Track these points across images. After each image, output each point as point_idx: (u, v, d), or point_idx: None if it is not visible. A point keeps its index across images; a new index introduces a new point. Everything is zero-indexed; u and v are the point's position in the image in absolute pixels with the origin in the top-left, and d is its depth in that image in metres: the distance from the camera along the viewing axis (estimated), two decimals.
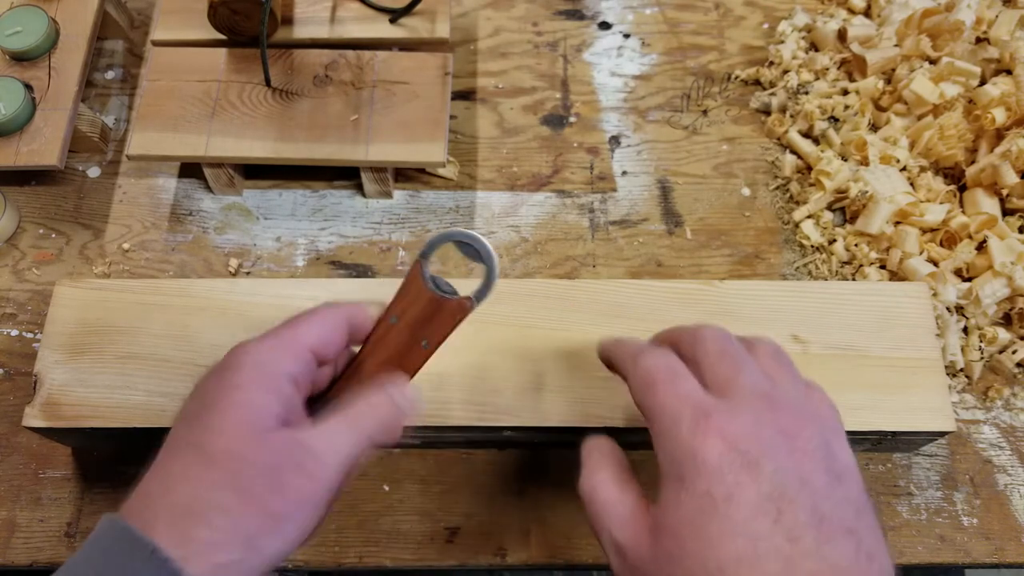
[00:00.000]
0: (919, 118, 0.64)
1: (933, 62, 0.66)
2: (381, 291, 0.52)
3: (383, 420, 0.38)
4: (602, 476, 0.36)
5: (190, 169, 0.66)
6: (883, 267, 0.61)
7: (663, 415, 0.35)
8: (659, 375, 0.36)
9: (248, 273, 0.62)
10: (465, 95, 0.70)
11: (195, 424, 0.35)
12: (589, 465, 0.37)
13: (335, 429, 0.36)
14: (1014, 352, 0.58)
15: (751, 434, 0.33)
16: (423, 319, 0.41)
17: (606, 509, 0.35)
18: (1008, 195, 0.61)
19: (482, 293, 0.40)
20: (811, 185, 0.64)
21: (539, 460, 0.55)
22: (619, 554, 0.34)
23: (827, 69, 0.69)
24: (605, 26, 0.74)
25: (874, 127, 0.66)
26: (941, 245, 0.61)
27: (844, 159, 0.64)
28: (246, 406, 0.34)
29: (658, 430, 0.35)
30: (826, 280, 0.61)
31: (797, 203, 0.65)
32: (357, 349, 0.42)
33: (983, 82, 0.64)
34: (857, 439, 0.51)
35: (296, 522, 0.34)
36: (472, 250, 0.40)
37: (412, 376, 0.42)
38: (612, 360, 0.42)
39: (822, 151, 0.65)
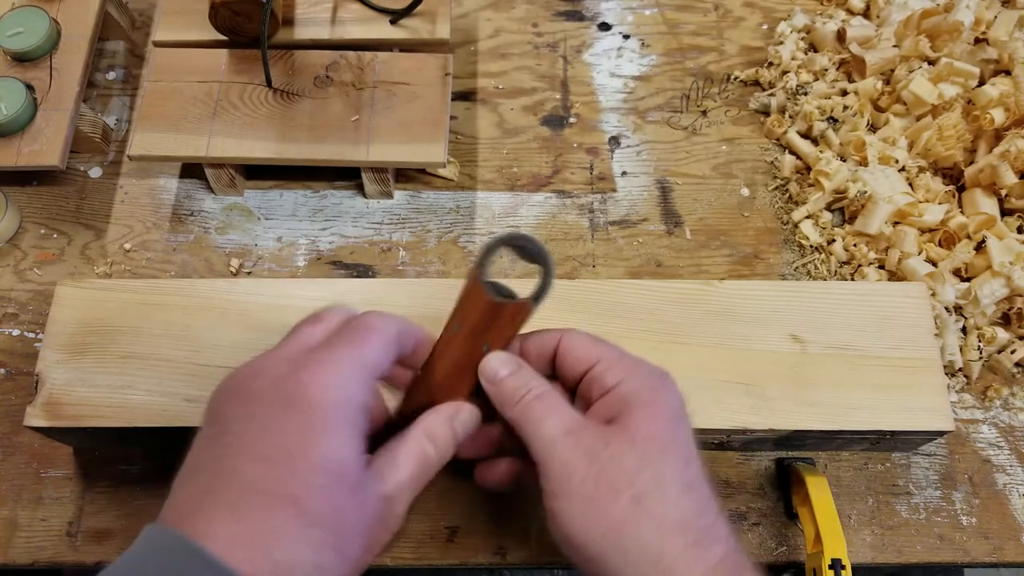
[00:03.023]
0: (918, 119, 0.65)
1: (932, 63, 0.66)
2: (382, 291, 0.52)
3: (442, 454, 0.38)
4: (549, 386, 0.40)
5: (191, 169, 0.66)
6: (882, 267, 0.61)
7: (625, 357, 0.40)
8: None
9: (249, 273, 0.62)
10: (465, 96, 0.70)
11: (280, 471, 0.32)
12: (532, 377, 0.40)
13: (407, 468, 0.36)
14: (1013, 352, 0.58)
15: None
16: (484, 324, 0.40)
17: (564, 408, 0.39)
18: (1007, 195, 0.61)
19: (540, 294, 0.40)
20: (810, 185, 0.65)
21: None
22: (573, 437, 0.37)
23: (826, 70, 0.69)
24: (605, 27, 0.74)
25: (873, 128, 0.66)
26: (940, 245, 0.61)
27: (843, 159, 0.65)
28: (338, 459, 0.33)
29: (623, 365, 0.39)
30: (825, 280, 0.61)
31: (796, 203, 0.65)
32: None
33: (982, 83, 0.64)
34: (856, 438, 0.51)
35: (367, 565, 0.35)
36: (527, 252, 0.40)
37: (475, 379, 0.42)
38: (531, 347, 0.43)
39: (821, 151, 0.65)
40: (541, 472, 0.37)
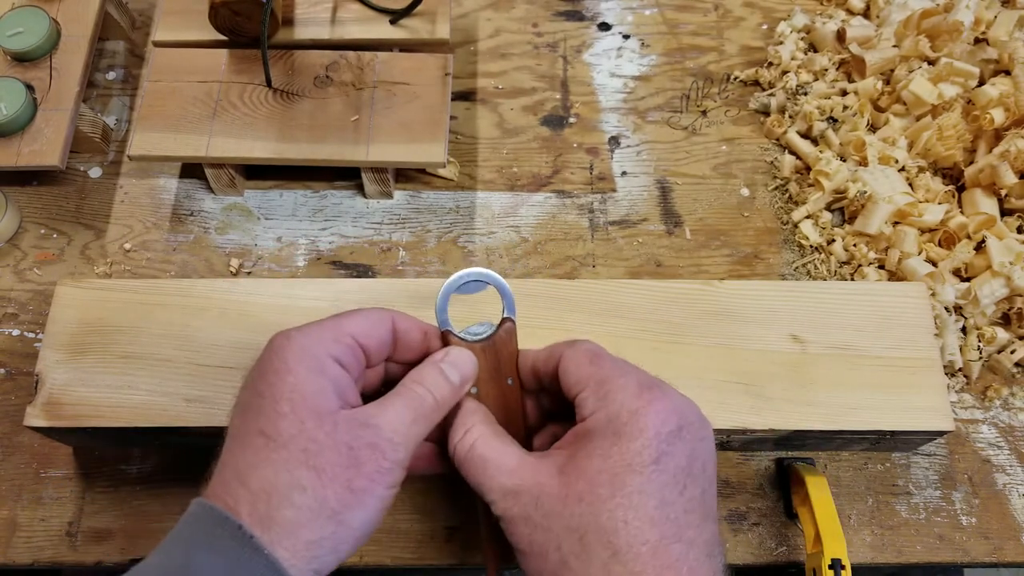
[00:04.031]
0: (918, 118, 0.65)
1: (932, 63, 0.66)
2: (382, 291, 0.52)
3: (439, 396, 0.39)
4: (479, 431, 0.39)
5: (191, 169, 0.66)
6: (882, 267, 0.61)
7: (611, 380, 0.38)
8: (605, 351, 0.40)
9: (249, 273, 0.62)
10: (465, 96, 0.70)
11: (254, 413, 0.35)
12: (461, 425, 0.40)
13: (396, 408, 0.37)
14: (1012, 352, 0.58)
15: (684, 410, 0.37)
16: (492, 368, 0.42)
17: (494, 462, 0.38)
18: (1007, 195, 0.61)
19: (510, 307, 0.43)
20: (810, 185, 0.65)
21: None
22: (511, 497, 0.37)
23: (826, 70, 0.69)
24: (605, 27, 0.74)
25: (873, 128, 0.66)
26: (940, 245, 0.61)
27: (843, 159, 0.65)
28: (301, 389, 0.35)
29: (603, 393, 0.37)
30: (825, 280, 0.61)
31: (796, 203, 0.65)
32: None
33: (982, 83, 0.64)
34: (856, 438, 0.51)
35: (377, 496, 0.35)
36: (475, 284, 0.43)
37: (523, 413, 0.43)
38: (539, 363, 0.42)
39: (821, 151, 0.65)
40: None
